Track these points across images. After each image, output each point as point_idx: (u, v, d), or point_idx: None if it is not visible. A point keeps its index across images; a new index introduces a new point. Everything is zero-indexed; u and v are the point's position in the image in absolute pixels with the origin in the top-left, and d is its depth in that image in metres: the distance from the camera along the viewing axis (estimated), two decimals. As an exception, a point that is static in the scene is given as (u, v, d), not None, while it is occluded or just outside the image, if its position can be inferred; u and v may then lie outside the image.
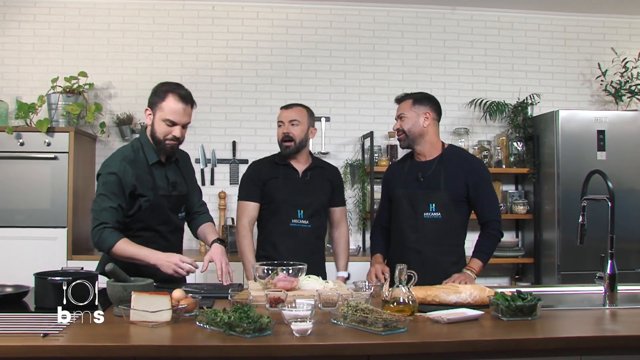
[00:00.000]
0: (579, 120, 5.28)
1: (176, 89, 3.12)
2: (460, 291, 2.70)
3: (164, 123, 3.08)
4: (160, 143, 3.12)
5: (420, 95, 3.52)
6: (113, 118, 5.52)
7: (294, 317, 2.27)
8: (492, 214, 3.41)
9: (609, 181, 2.86)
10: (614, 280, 2.81)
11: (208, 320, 2.27)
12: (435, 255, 3.37)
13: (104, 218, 3.01)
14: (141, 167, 3.12)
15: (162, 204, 3.16)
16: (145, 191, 3.11)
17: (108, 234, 2.99)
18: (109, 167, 3.09)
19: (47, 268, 4.37)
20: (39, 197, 4.94)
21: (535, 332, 2.32)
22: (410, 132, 3.44)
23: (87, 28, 5.58)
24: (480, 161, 3.63)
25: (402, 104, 3.50)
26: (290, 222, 3.59)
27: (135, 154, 3.15)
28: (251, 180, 3.70)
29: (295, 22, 5.74)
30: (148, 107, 3.15)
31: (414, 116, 3.43)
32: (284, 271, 2.92)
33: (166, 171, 3.23)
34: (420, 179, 3.43)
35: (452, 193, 3.37)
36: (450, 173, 3.39)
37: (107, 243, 2.99)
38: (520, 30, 5.97)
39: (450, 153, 3.48)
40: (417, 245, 3.40)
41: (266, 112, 5.61)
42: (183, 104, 3.10)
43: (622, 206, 5.12)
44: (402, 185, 3.51)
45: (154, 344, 2.13)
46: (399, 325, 2.24)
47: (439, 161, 3.44)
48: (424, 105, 3.45)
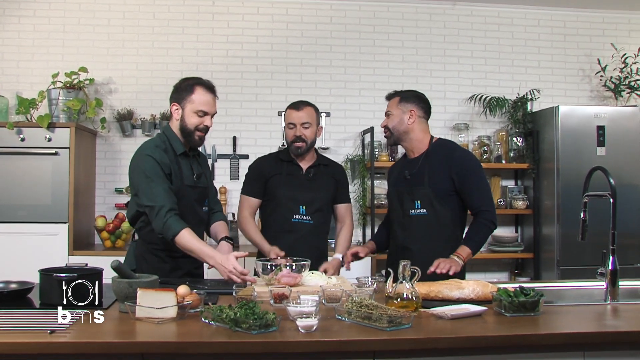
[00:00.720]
0: (579, 116, 5.29)
1: (203, 82, 3.24)
2: (463, 287, 2.72)
3: (195, 114, 3.16)
4: (191, 134, 3.18)
5: (408, 94, 3.54)
6: (113, 113, 5.52)
7: (299, 313, 2.28)
8: (482, 203, 3.36)
9: (611, 178, 2.87)
10: (616, 276, 2.82)
11: (214, 317, 2.28)
12: (424, 252, 3.30)
13: (163, 201, 2.99)
14: (169, 156, 3.16)
15: (189, 194, 3.20)
16: (175, 180, 3.14)
17: (174, 221, 2.97)
18: (143, 155, 3.11)
19: (48, 263, 4.37)
20: (40, 192, 4.94)
21: (538, 327, 2.34)
22: (394, 129, 3.48)
23: (88, 23, 5.58)
24: (465, 152, 3.58)
25: (390, 101, 3.54)
26: (292, 218, 3.60)
27: (164, 145, 3.19)
28: (254, 176, 3.71)
29: (296, 18, 5.74)
30: (175, 102, 3.19)
31: (399, 114, 3.45)
32: (288, 267, 2.93)
33: (191, 163, 3.28)
34: (407, 177, 3.46)
35: (436, 188, 3.36)
36: (434, 168, 3.39)
37: (173, 230, 2.95)
38: (520, 25, 5.98)
39: (435, 148, 3.47)
40: (406, 242, 3.43)
41: (266, 107, 5.62)
42: (211, 95, 3.23)
43: (621, 201, 5.08)
44: (393, 184, 3.59)
45: (160, 340, 2.14)
46: (404, 321, 2.25)
47: (425, 157, 3.44)
48: (410, 103, 3.46)
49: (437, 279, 2.95)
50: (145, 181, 3.05)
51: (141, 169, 3.08)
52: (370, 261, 5.09)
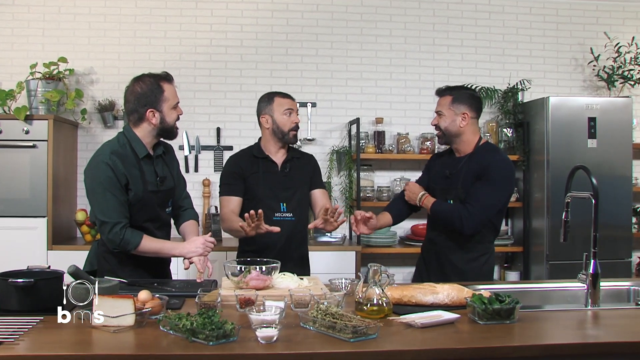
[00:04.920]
0: (570, 107, 5.18)
1: (162, 76, 3.13)
2: (438, 292, 2.62)
3: (173, 110, 3.12)
4: (172, 130, 3.14)
5: (461, 94, 3.42)
6: (95, 104, 5.41)
7: (261, 322, 2.18)
8: (473, 200, 3.25)
9: (593, 177, 2.76)
10: (597, 280, 2.72)
11: (171, 326, 2.19)
12: (449, 251, 3.42)
13: (118, 217, 2.96)
14: (130, 161, 3.03)
15: (151, 200, 3.09)
16: (136, 186, 3.02)
17: (130, 234, 2.96)
18: (98, 162, 2.98)
19: (27, 258, 4.35)
20: (18, 186, 4.83)
21: (512, 337, 2.24)
22: (447, 130, 3.41)
23: (68, 12, 5.45)
24: (502, 160, 3.39)
25: (442, 99, 3.43)
26: (273, 216, 3.49)
27: (123, 149, 3.05)
28: (232, 175, 3.59)
29: (281, 6, 5.60)
30: (151, 109, 3.04)
31: (451, 115, 3.38)
32: (257, 269, 2.83)
33: (154, 165, 3.15)
34: (447, 175, 3.44)
35: (467, 190, 3.32)
36: (470, 171, 3.34)
37: (132, 243, 2.96)
38: (511, 13, 5.84)
39: (480, 151, 3.39)
40: (435, 237, 3.50)
41: (251, 97, 5.47)
42: (173, 84, 3.18)
43: (613, 194, 5.07)
44: (432, 179, 3.57)
45: (112, 353, 2.04)
46: (369, 331, 2.14)
47: (467, 159, 3.39)
48: (463, 104, 3.37)
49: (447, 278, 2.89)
50: (101, 193, 2.95)
51: (97, 179, 2.97)
52: (355, 256, 4.98)
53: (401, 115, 5.65)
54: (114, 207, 2.94)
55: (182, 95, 5.38)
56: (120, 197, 2.96)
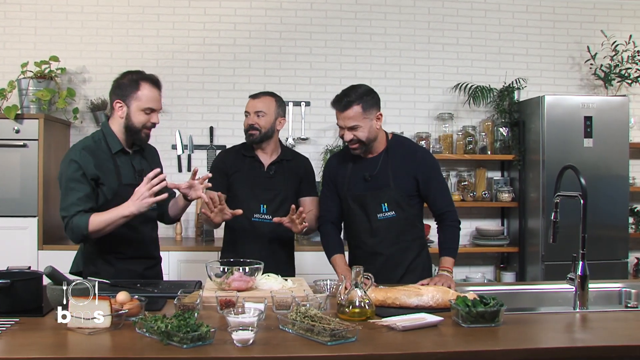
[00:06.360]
0: (566, 106, 5.12)
1: (148, 76, 3.05)
2: (422, 294, 2.57)
3: (143, 112, 3.00)
4: (138, 132, 3.03)
5: (365, 99, 3.13)
6: (87, 103, 5.37)
7: (238, 324, 2.14)
8: (446, 204, 3.25)
9: (582, 177, 2.71)
10: (585, 282, 2.66)
11: (147, 328, 2.14)
12: (397, 254, 3.23)
13: (74, 210, 2.87)
14: (103, 156, 3.00)
15: (129, 193, 3.03)
16: (109, 180, 2.98)
17: (77, 220, 2.85)
18: (67, 160, 2.95)
19: (17, 257, 4.32)
20: (8, 185, 4.80)
21: (495, 341, 2.18)
22: (368, 139, 3.17)
23: (60, 10, 5.41)
24: (426, 151, 3.43)
25: (349, 111, 3.11)
26: (252, 217, 3.44)
27: (97, 144, 3.03)
28: (215, 170, 3.55)
29: (275, 4, 5.56)
30: (119, 100, 3.00)
31: (367, 123, 3.13)
32: (240, 270, 2.78)
33: (131, 160, 3.11)
34: (367, 179, 3.24)
35: (402, 189, 3.20)
36: (398, 168, 3.21)
37: (81, 227, 2.83)
38: (507, 12, 5.79)
39: (394, 146, 3.27)
40: (377, 247, 3.25)
41: (244, 97, 5.22)
42: (158, 90, 3.06)
43: (609, 194, 5.02)
44: (349, 187, 3.31)
45: (86, 356, 2.00)
46: (348, 334, 2.10)
47: (385, 156, 3.24)
48: (372, 107, 3.15)
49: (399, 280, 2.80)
50: (64, 191, 2.92)
51: (64, 177, 2.94)
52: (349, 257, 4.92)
53: (396, 114, 5.60)
54: (73, 202, 2.88)
55: (175, 94, 5.44)
56: (80, 193, 2.89)
